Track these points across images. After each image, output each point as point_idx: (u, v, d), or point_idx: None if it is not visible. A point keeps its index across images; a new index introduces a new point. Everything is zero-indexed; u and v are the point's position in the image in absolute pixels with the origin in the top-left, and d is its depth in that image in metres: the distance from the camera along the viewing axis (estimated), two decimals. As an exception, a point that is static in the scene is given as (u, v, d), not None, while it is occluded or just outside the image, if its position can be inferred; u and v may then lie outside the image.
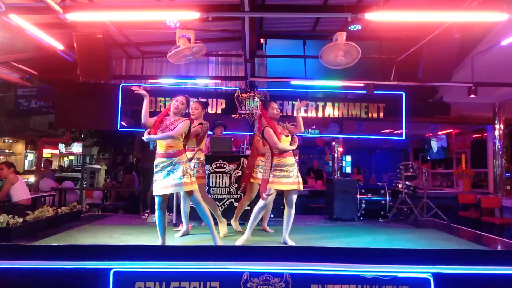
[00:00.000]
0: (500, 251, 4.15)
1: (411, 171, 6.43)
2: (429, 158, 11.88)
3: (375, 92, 7.23)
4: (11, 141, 22.28)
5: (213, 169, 5.51)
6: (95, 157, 17.77)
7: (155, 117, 4.00)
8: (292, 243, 4.10)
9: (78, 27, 5.34)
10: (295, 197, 4.18)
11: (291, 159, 4.19)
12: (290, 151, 4.19)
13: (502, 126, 8.53)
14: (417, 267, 3.40)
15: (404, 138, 8.15)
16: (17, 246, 3.62)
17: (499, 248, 4.40)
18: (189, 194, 3.91)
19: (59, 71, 7.52)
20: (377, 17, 4.47)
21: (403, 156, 14.55)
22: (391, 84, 7.07)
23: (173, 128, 3.88)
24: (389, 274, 3.35)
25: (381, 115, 8.12)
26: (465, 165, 10.77)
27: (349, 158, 15.53)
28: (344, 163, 14.63)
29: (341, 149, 9.69)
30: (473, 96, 6.83)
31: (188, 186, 3.83)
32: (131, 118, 8.37)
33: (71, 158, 31.16)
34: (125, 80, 8.09)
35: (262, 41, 7.99)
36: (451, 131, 11.44)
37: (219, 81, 8.23)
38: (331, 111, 8.15)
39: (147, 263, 3.36)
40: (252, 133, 7.27)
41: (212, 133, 5.74)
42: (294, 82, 7.57)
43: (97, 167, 11.50)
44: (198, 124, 4.66)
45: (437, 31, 5.28)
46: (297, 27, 7.27)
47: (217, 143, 5.59)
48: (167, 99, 7.89)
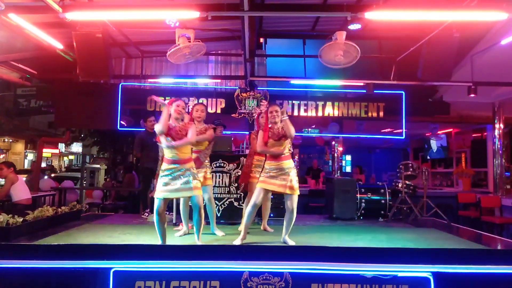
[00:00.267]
0: (500, 250, 4.15)
1: (411, 170, 6.43)
2: (429, 157, 11.89)
3: (374, 91, 7.23)
4: (10, 140, 22.24)
5: (213, 168, 5.50)
6: (94, 156, 17.77)
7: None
8: (292, 242, 4.10)
9: (77, 27, 5.33)
10: (291, 202, 4.08)
11: (282, 164, 4.08)
12: (278, 155, 4.10)
13: (501, 125, 8.54)
14: (417, 267, 3.40)
15: (403, 137, 8.16)
16: (17, 245, 3.62)
17: (499, 247, 4.40)
18: (197, 198, 3.92)
19: (59, 71, 7.52)
20: (376, 16, 4.47)
21: (403, 155, 14.55)
22: (390, 83, 7.07)
23: (186, 134, 3.90)
24: (389, 273, 3.35)
25: (381, 114, 8.14)
26: (465, 165, 10.78)
27: (349, 157, 15.54)
28: (344, 162, 14.63)
29: (341, 149, 9.69)
30: (472, 95, 6.84)
31: (196, 190, 3.91)
32: (131, 117, 8.38)
33: (71, 157, 31.13)
34: (125, 79, 8.09)
35: (261, 40, 7.99)
36: (451, 130, 11.45)
37: (219, 81, 8.23)
38: (330, 110, 8.16)
39: (147, 263, 3.36)
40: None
41: None
42: (293, 81, 7.57)
43: (97, 166, 11.50)
44: (202, 127, 4.63)
45: (437, 31, 5.28)
46: (297, 26, 7.27)
47: (217, 142, 5.58)
48: (167, 98, 7.89)
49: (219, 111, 7.89)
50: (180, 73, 8.05)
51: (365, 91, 7.34)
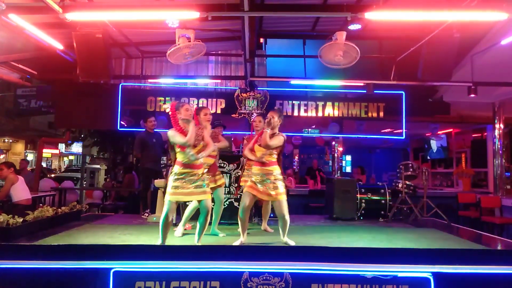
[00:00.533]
0: (500, 251, 4.15)
1: (411, 170, 6.43)
2: (429, 157, 11.90)
3: (375, 91, 7.23)
4: (10, 140, 22.26)
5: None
6: (94, 156, 17.77)
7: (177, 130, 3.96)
8: (291, 242, 4.10)
9: (77, 27, 5.33)
10: (278, 208, 4.08)
11: (267, 169, 4.10)
12: (262, 161, 4.12)
13: (502, 125, 8.53)
14: (417, 267, 3.39)
15: (404, 137, 8.16)
16: (17, 246, 3.62)
17: (499, 247, 4.40)
18: (206, 202, 3.95)
19: (59, 71, 7.52)
20: (376, 16, 4.47)
21: (403, 155, 14.55)
22: (391, 83, 7.07)
23: (202, 138, 4.01)
24: (389, 273, 3.35)
25: (381, 114, 8.14)
26: (465, 165, 10.77)
27: (349, 157, 15.54)
28: (344, 162, 14.62)
29: (341, 149, 9.69)
30: (473, 95, 6.83)
31: (208, 195, 3.99)
32: (131, 117, 8.38)
33: (71, 158, 31.14)
34: (125, 80, 8.09)
35: (261, 40, 7.99)
36: (451, 130, 11.44)
37: (219, 81, 8.24)
38: (331, 110, 8.16)
39: (147, 263, 3.36)
40: (252, 133, 7.27)
41: None
42: (293, 81, 7.57)
43: (97, 166, 11.49)
44: (212, 131, 4.65)
45: (437, 31, 5.27)
46: (297, 26, 7.27)
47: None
48: (167, 99, 7.89)
49: (219, 112, 7.89)
50: (180, 74, 8.05)
51: (365, 91, 7.34)
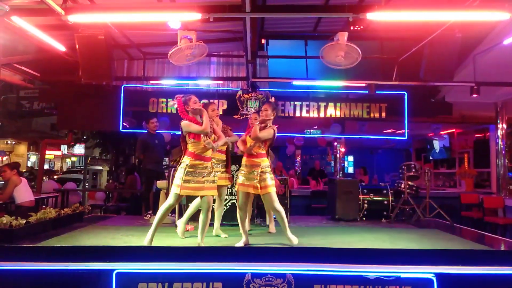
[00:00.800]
0: (503, 251, 4.14)
1: (414, 171, 6.41)
2: (431, 158, 11.87)
3: (377, 92, 7.23)
4: (13, 142, 22.36)
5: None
6: (97, 157, 17.80)
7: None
8: (295, 239, 4.07)
9: (80, 29, 5.35)
10: (268, 202, 4.05)
11: (254, 161, 4.07)
12: (249, 151, 4.10)
13: (504, 125, 8.50)
14: (420, 268, 3.39)
15: (406, 138, 8.14)
16: (20, 247, 3.63)
17: (502, 248, 4.39)
18: (208, 198, 3.92)
19: (61, 73, 7.55)
20: (378, 17, 4.46)
21: (406, 156, 14.52)
22: (393, 84, 7.06)
23: (212, 131, 3.99)
24: (392, 274, 3.34)
25: (383, 115, 8.13)
26: (467, 165, 10.74)
27: (351, 158, 15.51)
28: (346, 163, 14.60)
29: (343, 149, 9.69)
30: (475, 95, 6.82)
31: (215, 190, 3.97)
32: (133, 119, 8.39)
33: (73, 159, 31.24)
34: (127, 81, 8.11)
35: (263, 41, 7.99)
36: (454, 130, 11.41)
37: (221, 82, 8.24)
38: (333, 111, 8.16)
39: (150, 264, 3.36)
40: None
41: None
42: (295, 82, 7.57)
43: (99, 168, 11.51)
44: (221, 126, 4.69)
45: (439, 31, 5.27)
46: (299, 27, 7.27)
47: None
48: (169, 100, 7.90)
49: (221, 113, 7.87)
50: (182, 75, 8.06)
51: (367, 92, 7.34)
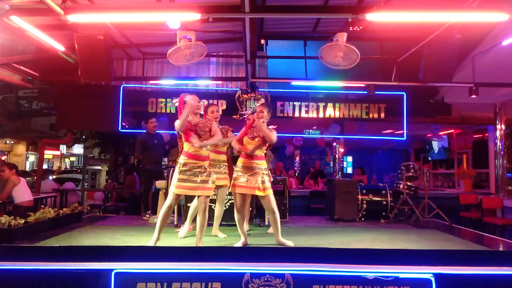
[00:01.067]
0: (501, 252, 4.14)
1: (412, 171, 6.42)
2: (430, 158, 11.90)
3: (376, 92, 7.23)
4: (12, 142, 22.33)
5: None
6: (96, 157, 17.81)
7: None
8: (289, 243, 4.07)
9: (79, 29, 5.35)
10: (266, 202, 4.03)
11: (252, 162, 4.02)
12: (249, 152, 4.06)
13: (503, 126, 8.52)
14: (418, 268, 3.38)
15: (405, 138, 8.16)
16: (19, 247, 3.62)
17: (501, 248, 4.39)
18: (204, 198, 3.93)
19: (60, 73, 7.54)
20: (377, 17, 4.46)
21: (404, 156, 14.55)
22: (392, 84, 7.07)
23: (209, 130, 3.96)
24: (391, 275, 3.34)
25: (382, 115, 8.14)
26: (466, 166, 10.75)
27: (350, 158, 15.52)
28: (345, 163, 14.61)
29: (342, 150, 9.69)
30: (474, 96, 6.83)
31: (211, 191, 3.96)
32: (132, 119, 8.39)
33: (72, 159, 31.22)
34: (126, 81, 8.11)
35: (262, 42, 7.99)
36: (452, 131, 11.43)
37: (220, 82, 8.24)
38: (332, 111, 8.16)
39: (149, 264, 3.35)
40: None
41: None
42: (294, 82, 7.58)
43: (98, 168, 11.50)
44: (221, 128, 4.69)
45: (438, 32, 5.28)
46: (298, 27, 7.28)
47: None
48: (168, 100, 7.90)
49: (220, 113, 7.88)
50: (181, 75, 8.06)
51: (366, 92, 7.34)
